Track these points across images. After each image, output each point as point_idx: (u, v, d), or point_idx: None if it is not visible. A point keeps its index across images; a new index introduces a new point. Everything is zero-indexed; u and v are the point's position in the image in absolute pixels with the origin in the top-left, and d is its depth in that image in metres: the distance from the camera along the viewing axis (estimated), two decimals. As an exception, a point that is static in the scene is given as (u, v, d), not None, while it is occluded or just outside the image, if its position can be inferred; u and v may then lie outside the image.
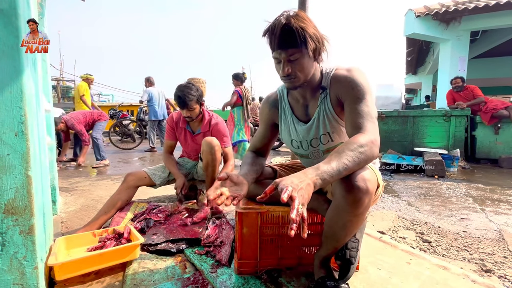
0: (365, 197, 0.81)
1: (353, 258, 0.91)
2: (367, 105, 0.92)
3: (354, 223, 0.88)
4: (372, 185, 0.82)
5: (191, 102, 1.85)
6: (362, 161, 0.80)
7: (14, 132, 0.86)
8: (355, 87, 0.94)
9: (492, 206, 2.27)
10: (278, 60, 0.94)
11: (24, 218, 0.88)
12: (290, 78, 0.95)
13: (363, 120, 0.89)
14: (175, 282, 1.09)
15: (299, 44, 0.89)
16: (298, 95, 1.10)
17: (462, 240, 1.65)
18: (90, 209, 2.11)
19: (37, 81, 1.14)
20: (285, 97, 1.16)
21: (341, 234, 0.92)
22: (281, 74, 0.95)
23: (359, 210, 0.83)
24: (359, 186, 0.79)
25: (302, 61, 0.93)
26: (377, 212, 2.12)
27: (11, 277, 0.89)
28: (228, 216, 1.65)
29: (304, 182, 0.71)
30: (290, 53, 0.90)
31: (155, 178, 1.90)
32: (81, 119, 4.01)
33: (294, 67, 0.93)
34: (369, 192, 0.81)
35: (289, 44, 0.89)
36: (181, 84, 1.91)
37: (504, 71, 8.74)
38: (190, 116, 1.91)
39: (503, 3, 4.81)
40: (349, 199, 0.81)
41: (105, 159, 4.14)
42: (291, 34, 0.87)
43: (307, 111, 1.09)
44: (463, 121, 4.03)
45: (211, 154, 1.78)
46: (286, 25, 0.87)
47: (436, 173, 3.36)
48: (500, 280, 1.25)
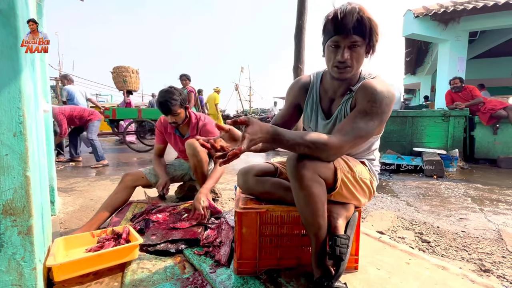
0: (304, 170, 0.90)
1: (343, 255, 0.91)
2: (366, 122, 0.94)
3: (310, 198, 0.92)
4: (310, 162, 0.91)
5: (175, 107, 1.79)
6: (312, 154, 0.91)
7: (13, 133, 0.85)
8: (372, 102, 0.95)
9: (491, 206, 2.27)
10: (337, 44, 0.94)
11: (22, 219, 0.88)
12: (345, 65, 0.95)
13: (349, 131, 0.92)
14: (174, 282, 1.09)
15: (365, 34, 0.91)
16: (330, 87, 1.10)
17: (461, 240, 1.65)
18: (89, 209, 2.11)
19: (35, 82, 1.14)
20: (317, 85, 1.15)
21: (307, 213, 0.95)
22: (338, 59, 0.95)
23: (304, 183, 0.91)
24: (298, 163, 0.91)
25: (360, 52, 0.95)
26: (376, 212, 2.12)
27: (10, 278, 0.88)
28: (227, 216, 1.65)
29: (260, 138, 0.84)
30: (354, 40, 0.91)
31: (152, 178, 1.90)
32: (67, 111, 3.94)
33: (353, 55, 0.94)
34: (306, 166, 0.90)
35: (357, 31, 0.90)
36: (162, 90, 1.83)
37: (502, 72, 8.77)
38: (176, 122, 1.86)
39: (502, 4, 4.83)
40: (293, 175, 0.92)
41: (104, 159, 4.11)
42: (362, 23, 0.90)
43: (331, 106, 1.11)
44: (462, 122, 4.04)
45: (195, 156, 1.77)
46: (359, 13, 0.89)
47: (435, 173, 3.37)
48: (498, 279, 1.25)
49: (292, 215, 1.11)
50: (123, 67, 7.14)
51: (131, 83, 7.28)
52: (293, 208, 1.11)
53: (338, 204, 1.06)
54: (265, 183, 1.16)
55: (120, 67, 7.14)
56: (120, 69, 7.14)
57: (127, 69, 7.15)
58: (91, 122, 4.11)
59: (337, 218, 1.01)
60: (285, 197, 1.11)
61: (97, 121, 4.18)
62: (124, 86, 7.24)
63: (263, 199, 1.17)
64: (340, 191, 1.02)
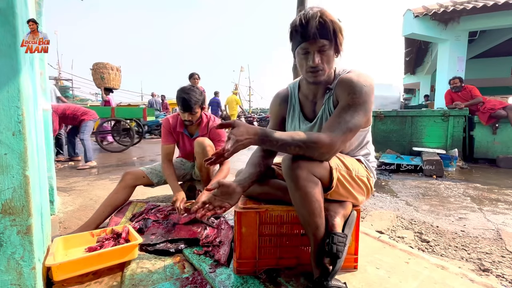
0: (298, 171, 0.90)
1: (340, 253, 0.91)
2: (351, 115, 0.95)
3: (306, 198, 0.92)
4: (305, 162, 0.92)
5: (195, 106, 1.81)
6: (305, 154, 0.91)
7: (12, 132, 0.85)
8: (352, 94, 0.96)
9: (490, 205, 2.27)
10: (306, 51, 0.97)
11: (21, 218, 0.88)
12: (318, 69, 0.98)
13: (338, 126, 0.94)
14: (173, 282, 1.09)
15: (331, 36, 0.94)
16: (309, 92, 1.12)
17: (460, 240, 1.65)
18: (88, 209, 2.10)
19: (34, 80, 1.14)
20: (296, 93, 1.18)
21: (304, 213, 0.95)
22: (310, 64, 0.97)
23: (299, 183, 0.91)
24: (292, 164, 0.92)
25: (330, 54, 0.97)
26: (375, 211, 2.13)
27: (9, 277, 0.88)
28: (227, 216, 1.65)
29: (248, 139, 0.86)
30: (322, 44, 0.95)
31: (153, 177, 1.88)
32: (60, 109, 3.91)
33: (323, 58, 0.97)
34: (301, 167, 0.91)
35: (322, 35, 0.93)
36: (185, 87, 1.85)
37: (502, 71, 8.78)
38: (191, 120, 1.87)
39: (501, 4, 4.83)
40: (288, 176, 0.93)
41: (91, 160, 3.96)
42: (326, 26, 0.93)
43: (315, 108, 1.12)
44: (461, 121, 4.04)
45: (203, 154, 1.75)
46: (321, 17, 0.92)
47: (434, 173, 3.37)
48: (498, 279, 1.25)
49: (292, 214, 1.11)
50: (102, 64, 6.87)
51: (109, 80, 7.00)
52: (292, 207, 1.11)
53: (335, 202, 1.06)
54: (263, 184, 1.16)
55: (98, 64, 6.87)
56: (98, 66, 6.87)
57: (106, 66, 6.88)
58: (84, 122, 4.03)
59: (334, 216, 1.01)
60: (283, 197, 1.12)
61: (90, 121, 4.10)
62: (101, 83, 6.96)
63: (262, 200, 1.17)
64: (337, 190, 1.02)
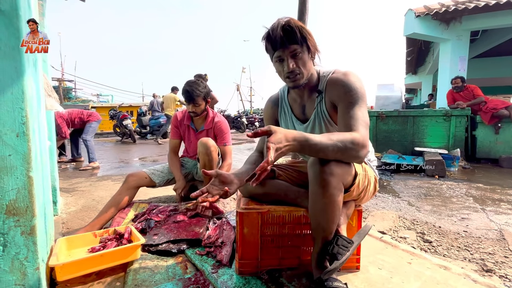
0: (331, 178, 0.87)
1: (339, 255, 0.91)
2: (360, 110, 0.95)
3: (331, 206, 0.90)
4: (338, 169, 0.88)
5: (198, 98, 1.94)
6: (343, 155, 0.86)
7: (16, 133, 0.86)
8: (349, 92, 0.97)
9: (493, 205, 2.27)
10: (280, 58, 1.00)
11: (25, 219, 0.89)
12: (295, 74, 1.00)
13: (357, 123, 0.92)
14: (176, 282, 1.09)
15: (300, 40, 0.98)
16: (296, 95, 1.15)
17: (462, 240, 1.65)
18: (91, 209, 2.11)
19: (38, 82, 1.14)
20: (285, 96, 1.22)
21: (323, 219, 0.94)
22: (286, 70, 1.00)
23: (329, 191, 0.88)
24: (325, 169, 0.87)
25: (304, 57, 1.00)
26: (377, 212, 2.12)
27: (13, 277, 0.89)
28: (229, 216, 1.65)
29: (287, 146, 0.78)
30: (293, 49, 0.97)
31: (155, 178, 1.93)
32: (65, 115, 3.97)
33: (298, 62, 0.99)
34: (334, 174, 0.87)
35: (291, 41, 0.96)
36: (190, 80, 2.01)
37: (504, 71, 8.73)
38: (195, 112, 1.99)
39: (503, 3, 4.81)
40: (318, 181, 0.88)
41: (94, 161, 4.04)
42: (293, 32, 0.96)
43: (304, 111, 1.15)
44: (463, 121, 4.02)
45: (207, 154, 1.82)
46: (287, 25, 0.96)
47: (436, 173, 3.36)
48: (501, 280, 1.25)
49: (294, 215, 1.12)
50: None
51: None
52: (294, 208, 1.11)
53: None
54: (264, 185, 1.16)
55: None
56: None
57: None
58: (89, 123, 4.13)
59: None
60: (285, 198, 1.13)
61: (95, 122, 4.18)
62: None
63: (263, 201, 1.17)
64: (351, 193, 1.01)
